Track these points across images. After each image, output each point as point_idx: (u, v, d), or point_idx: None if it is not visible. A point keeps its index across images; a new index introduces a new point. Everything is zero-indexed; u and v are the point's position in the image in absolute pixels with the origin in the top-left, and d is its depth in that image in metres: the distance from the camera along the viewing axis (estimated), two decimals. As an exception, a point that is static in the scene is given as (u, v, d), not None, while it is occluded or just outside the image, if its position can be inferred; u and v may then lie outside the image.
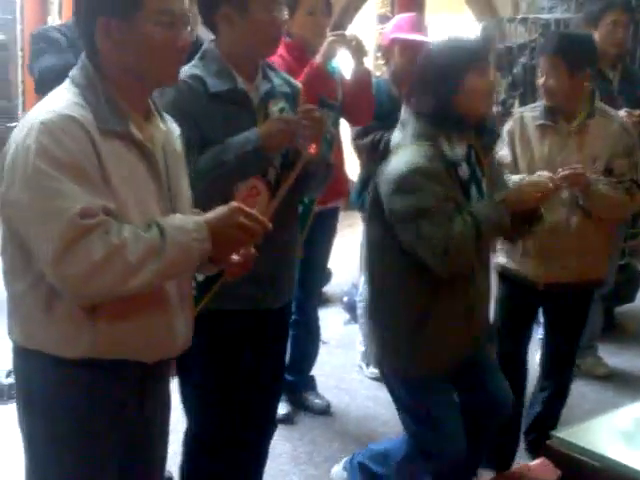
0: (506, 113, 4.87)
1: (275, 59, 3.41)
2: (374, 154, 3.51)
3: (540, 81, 3.08)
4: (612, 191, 3.03)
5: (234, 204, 1.80)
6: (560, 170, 2.91)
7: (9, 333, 1.85)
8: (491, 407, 2.75)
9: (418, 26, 3.95)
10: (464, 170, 2.58)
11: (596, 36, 3.83)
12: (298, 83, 2.70)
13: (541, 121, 3.10)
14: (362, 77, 3.41)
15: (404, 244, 2.56)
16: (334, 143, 3.56)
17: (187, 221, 1.75)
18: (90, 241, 1.61)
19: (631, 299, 5.09)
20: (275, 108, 2.47)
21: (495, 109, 4.98)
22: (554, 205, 3.02)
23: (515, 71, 4.74)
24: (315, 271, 3.89)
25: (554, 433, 1.48)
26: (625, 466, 1.39)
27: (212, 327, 2.43)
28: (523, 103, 4.84)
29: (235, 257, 1.97)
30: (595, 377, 4.34)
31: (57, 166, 1.64)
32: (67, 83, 1.81)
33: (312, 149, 2.41)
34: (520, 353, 3.37)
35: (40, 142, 1.65)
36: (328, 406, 3.91)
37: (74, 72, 1.81)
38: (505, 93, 4.95)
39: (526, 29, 4.93)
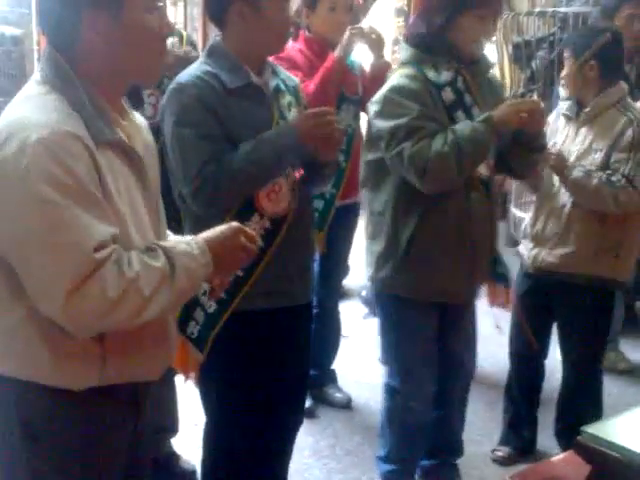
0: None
1: (295, 54, 3.44)
2: None
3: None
4: (586, 179, 3.07)
5: (235, 224, 1.78)
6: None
7: None
8: (454, 368, 3.03)
9: None
10: (448, 94, 2.73)
11: None
12: (296, 78, 2.75)
13: (564, 111, 3.27)
14: (381, 70, 3.44)
15: (390, 165, 2.70)
16: (355, 137, 3.59)
17: (192, 246, 1.69)
18: (103, 276, 1.53)
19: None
20: (284, 101, 2.50)
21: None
22: (557, 190, 3.18)
23: (534, 65, 4.74)
24: (337, 266, 3.91)
25: (584, 428, 1.49)
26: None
27: (244, 329, 2.46)
28: (542, 97, 4.85)
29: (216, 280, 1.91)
30: (617, 372, 4.34)
31: (64, 192, 1.51)
32: (39, 82, 1.66)
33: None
34: (526, 347, 3.41)
35: (41, 164, 1.51)
36: (349, 400, 3.93)
37: (44, 67, 1.67)
38: (524, 87, 4.94)
39: (544, 22, 4.92)
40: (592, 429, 1.49)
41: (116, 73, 1.69)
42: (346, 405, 3.92)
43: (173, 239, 1.78)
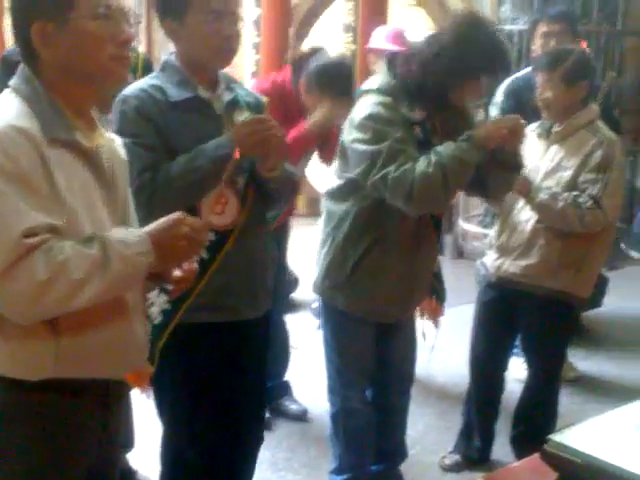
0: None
1: (269, 87, 3.48)
2: None
3: (537, 94, 3.24)
4: (552, 201, 3.14)
5: (176, 215, 1.79)
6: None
7: None
8: (390, 375, 3.11)
9: (399, 38, 4.06)
10: (417, 131, 2.73)
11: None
12: (263, 98, 2.74)
13: (538, 129, 3.33)
14: (333, 121, 3.44)
15: (372, 190, 2.70)
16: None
17: (129, 234, 1.73)
18: (33, 260, 1.58)
19: (598, 304, 5.18)
20: (240, 118, 2.49)
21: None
22: (522, 206, 3.28)
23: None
24: (281, 278, 3.94)
25: (551, 436, 1.54)
26: (621, 469, 1.44)
27: (190, 341, 2.45)
28: (488, 111, 4.94)
29: (177, 273, 1.91)
30: (565, 381, 4.44)
31: (4, 178, 1.60)
32: (9, 92, 1.76)
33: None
34: (493, 360, 3.48)
35: None
36: (305, 411, 3.95)
37: (15, 81, 1.77)
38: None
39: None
40: (559, 437, 1.53)
41: (77, 82, 1.76)
42: (302, 417, 3.94)
43: (115, 230, 1.78)
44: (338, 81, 3.48)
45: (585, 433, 1.60)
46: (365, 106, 2.73)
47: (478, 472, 3.45)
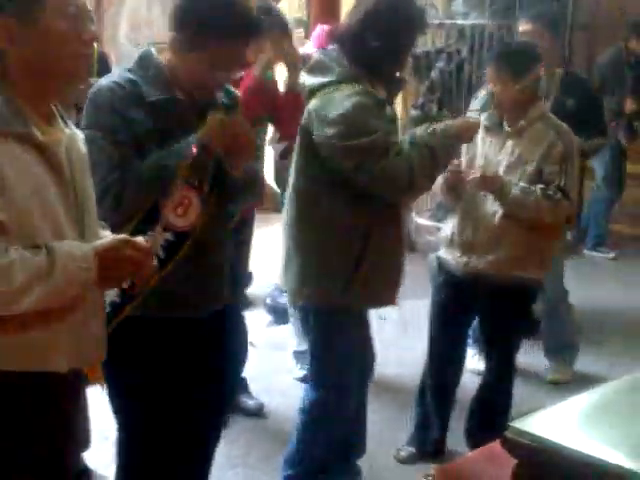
0: (424, 116, 5.01)
1: None
2: None
3: (489, 89, 3.32)
4: (524, 196, 3.18)
5: (123, 236, 1.84)
6: (473, 172, 3.18)
7: None
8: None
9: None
10: (389, 110, 2.80)
11: None
12: (237, 92, 2.71)
13: (486, 122, 3.33)
14: (296, 90, 3.44)
15: (366, 183, 2.72)
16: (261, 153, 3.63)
17: (76, 248, 1.75)
18: None
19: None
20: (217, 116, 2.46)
21: (414, 112, 5.12)
22: (483, 199, 3.27)
23: (433, 75, 4.88)
24: (239, 272, 3.92)
25: (511, 423, 1.56)
26: (579, 452, 1.47)
27: (141, 334, 2.42)
28: (440, 107, 5.00)
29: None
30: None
31: None
32: None
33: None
34: (452, 352, 3.51)
35: None
36: (261, 407, 3.94)
37: None
38: (423, 97, 5.08)
39: (441, 35, 5.07)
40: (519, 423, 1.55)
41: (38, 78, 1.75)
42: (258, 412, 3.93)
43: (64, 242, 1.78)
44: (273, 17, 3.56)
45: (544, 420, 1.62)
46: (338, 100, 2.71)
47: (434, 464, 3.47)
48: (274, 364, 4.52)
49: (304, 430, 3.11)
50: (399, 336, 5.02)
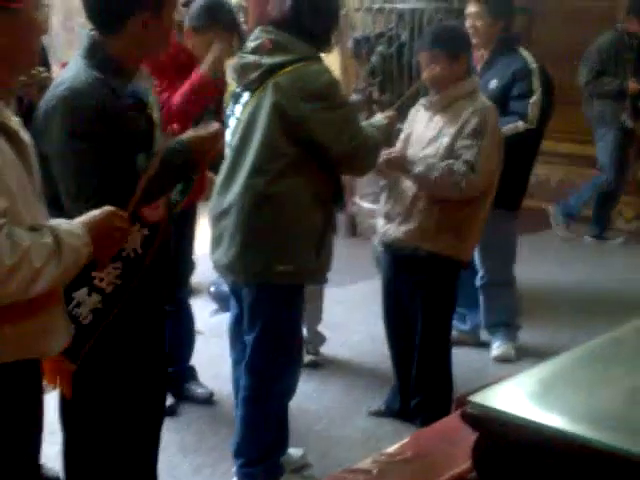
0: (366, 100, 5.03)
1: (164, 58, 3.41)
2: None
3: (423, 74, 3.42)
4: (427, 172, 3.31)
5: (108, 208, 1.89)
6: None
7: None
8: None
9: None
10: None
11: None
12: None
13: (423, 101, 3.53)
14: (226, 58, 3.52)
15: (333, 157, 2.88)
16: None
17: (74, 225, 1.80)
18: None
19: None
20: (155, 114, 2.46)
21: (355, 97, 5.14)
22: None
23: (374, 59, 4.90)
24: (184, 264, 3.92)
25: (471, 398, 1.58)
26: (536, 422, 1.50)
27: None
28: (382, 90, 5.02)
29: None
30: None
31: None
32: None
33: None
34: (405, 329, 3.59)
35: None
36: (211, 395, 3.93)
37: None
38: (364, 81, 5.10)
39: (380, 19, 5.09)
40: (479, 397, 1.58)
41: (8, 68, 1.79)
42: (208, 400, 3.92)
43: (53, 221, 1.84)
44: (224, 13, 3.59)
45: (504, 392, 1.66)
46: (313, 75, 2.85)
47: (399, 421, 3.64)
48: (221, 351, 4.48)
49: (249, 419, 3.10)
50: (346, 319, 5.05)
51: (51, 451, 2.83)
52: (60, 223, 1.81)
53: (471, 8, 4.14)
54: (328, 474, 3.12)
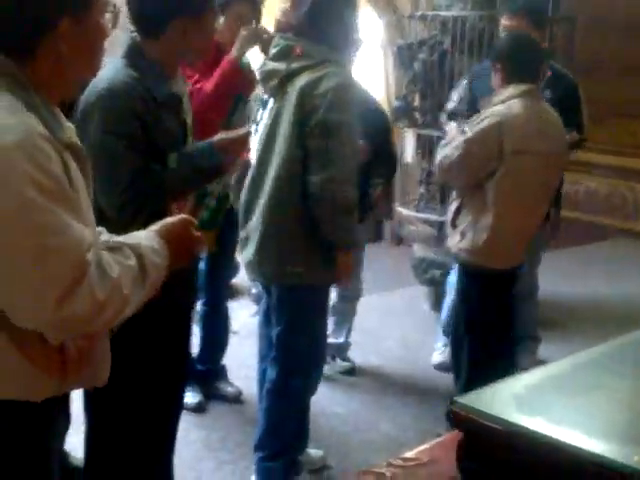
0: (407, 107, 5.05)
1: None
2: None
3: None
4: None
5: (185, 216, 1.79)
6: None
7: None
8: None
9: None
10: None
11: None
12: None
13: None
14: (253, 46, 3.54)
15: (332, 156, 2.85)
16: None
17: (152, 240, 1.69)
18: (91, 279, 1.49)
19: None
20: (189, 117, 2.54)
21: (397, 103, 5.16)
22: None
23: (415, 67, 4.91)
24: (225, 264, 3.98)
25: (456, 399, 1.60)
26: (515, 424, 1.52)
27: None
28: (423, 98, 5.03)
29: None
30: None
31: (48, 195, 1.45)
32: None
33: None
34: None
35: (21, 169, 1.43)
36: (239, 393, 3.98)
37: None
38: (406, 88, 5.11)
39: (425, 26, 5.11)
40: (464, 399, 1.60)
41: (76, 78, 1.70)
42: (237, 399, 3.97)
43: (131, 236, 1.72)
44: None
45: (490, 394, 1.67)
46: (327, 78, 2.85)
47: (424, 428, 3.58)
48: (254, 351, 4.55)
49: (271, 411, 3.16)
50: (382, 325, 5.08)
51: (76, 440, 2.92)
52: (138, 238, 1.69)
53: (508, 22, 3.97)
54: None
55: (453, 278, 4.22)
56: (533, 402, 1.63)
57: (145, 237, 1.70)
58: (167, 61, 2.41)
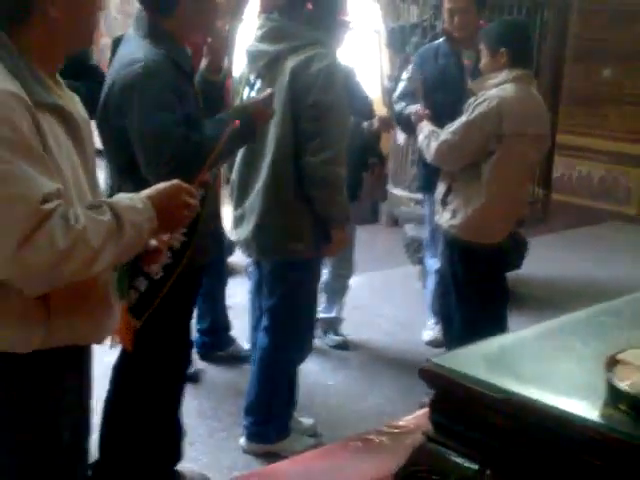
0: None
1: None
2: None
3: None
4: None
5: (176, 182, 1.81)
6: None
7: None
8: None
9: None
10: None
11: None
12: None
13: None
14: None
15: (325, 137, 2.95)
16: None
17: (135, 201, 1.72)
18: (51, 228, 1.54)
19: (518, 266, 5.39)
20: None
21: (390, 85, 5.23)
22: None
23: (408, 50, 4.97)
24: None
25: (430, 358, 1.70)
26: (489, 383, 1.61)
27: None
28: (414, 81, 5.09)
29: (153, 242, 1.93)
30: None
31: (10, 148, 1.53)
32: None
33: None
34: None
35: None
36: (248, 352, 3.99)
37: None
38: (398, 70, 5.18)
39: (418, 9, 5.18)
40: (436, 359, 1.70)
41: (66, 44, 1.75)
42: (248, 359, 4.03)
43: (115, 197, 1.77)
44: None
45: (462, 355, 1.77)
46: (317, 61, 2.94)
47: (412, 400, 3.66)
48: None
49: (261, 379, 3.28)
50: (374, 302, 5.18)
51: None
52: (120, 199, 1.73)
53: (455, 3, 4.00)
54: (335, 443, 3.26)
55: (430, 261, 4.37)
56: (502, 361, 1.73)
57: (130, 198, 1.74)
58: (182, 35, 2.55)
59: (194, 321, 3.30)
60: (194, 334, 4.06)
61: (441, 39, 4.14)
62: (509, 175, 3.48)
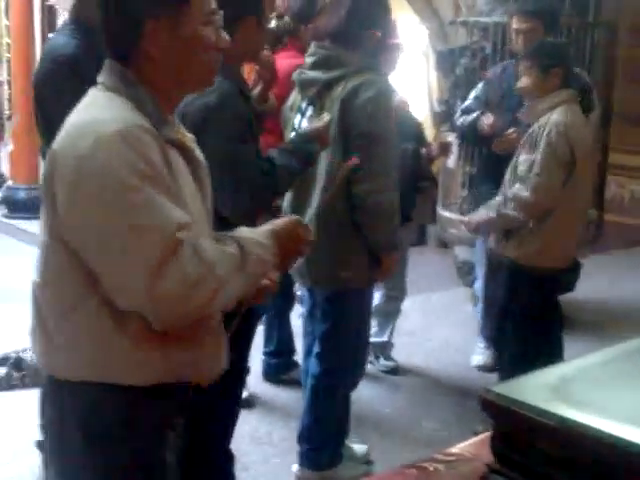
0: (449, 112, 5.12)
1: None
2: None
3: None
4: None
5: (294, 218, 1.86)
6: None
7: (49, 368, 1.71)
8: None
9: None
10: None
11: None
12: None
13: None
14: None
15: (375, 166, 2.94)
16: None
17: (261, 235, 1.75)
18: (182, 258, 1.54)
19: (571, 289, 5.31)
20: None
21: (440, 108, 5.24)
22: None
23: (457, 72, 4.98)
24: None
25: (490, 388, 1.68)
26: (554, 413, 1.58)
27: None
28: (464, 103, 5.09)
29: (265, 280, 1.89)
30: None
31: (145, 179, 1.55)
32: (103, 90, 1.70)
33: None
34: None
35: (120, 154, 1.55)
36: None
37: (109, 78, 1.70)
38: (447, 93, 5.19)
39: (467, 32, 5.18)
40: (497, 388, 1.67)
41: (176, 83, 1.75)
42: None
43: (238, 231, 1.77)
44: None
45: (523, 384, 1.74)
46: (366, 88, 2.95)
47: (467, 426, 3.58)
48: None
49: (314, 406, 3.27)
50: (426, 325, 5.16)
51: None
52: (244, 233, 1.74)
53: (523, 24, 3.94)
54: (388, 470, 3.24)
55: (479, 284, 4.33)
56: (565, 391, 1.70)
57: (251, 231, 1.77)
58: (238, 61, 2.58)
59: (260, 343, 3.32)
60: (260, 356, 4.15)
61: (511, 60, 4.12)
62: (576, 199, 3.45)
